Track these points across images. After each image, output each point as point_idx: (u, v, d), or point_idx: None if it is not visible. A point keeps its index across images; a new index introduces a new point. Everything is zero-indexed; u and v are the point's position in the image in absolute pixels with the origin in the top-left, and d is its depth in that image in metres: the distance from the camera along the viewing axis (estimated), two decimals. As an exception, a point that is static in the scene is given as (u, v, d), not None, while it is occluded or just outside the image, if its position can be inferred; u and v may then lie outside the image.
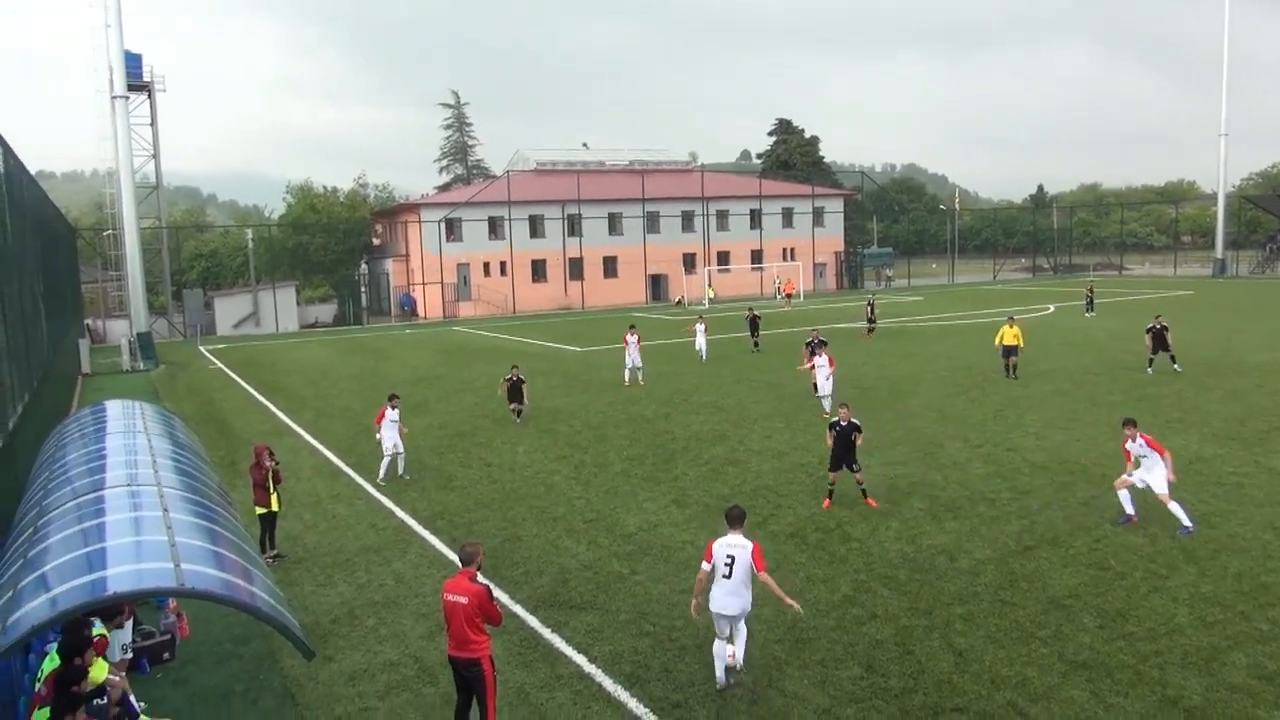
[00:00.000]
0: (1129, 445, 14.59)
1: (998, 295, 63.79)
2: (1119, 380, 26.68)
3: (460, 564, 8.74)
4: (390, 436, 18.41)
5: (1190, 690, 9.29)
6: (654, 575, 13.01)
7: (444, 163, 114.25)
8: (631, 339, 29.76)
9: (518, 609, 11.96)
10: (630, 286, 71.68)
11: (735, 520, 9.65)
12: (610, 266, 71.43)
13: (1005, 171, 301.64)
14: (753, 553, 9.38)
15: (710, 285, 68.16)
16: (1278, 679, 9.44)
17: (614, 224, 71.50)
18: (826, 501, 15.68)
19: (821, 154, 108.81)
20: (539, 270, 69.36)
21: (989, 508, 15.42)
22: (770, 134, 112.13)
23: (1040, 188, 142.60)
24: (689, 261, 72.70)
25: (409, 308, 66.40)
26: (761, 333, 37.22)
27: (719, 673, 9.68)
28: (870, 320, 40.16)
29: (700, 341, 34.44)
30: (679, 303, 67.77)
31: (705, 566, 9.51)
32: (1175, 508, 14.08)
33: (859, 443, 15.64)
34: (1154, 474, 14.27)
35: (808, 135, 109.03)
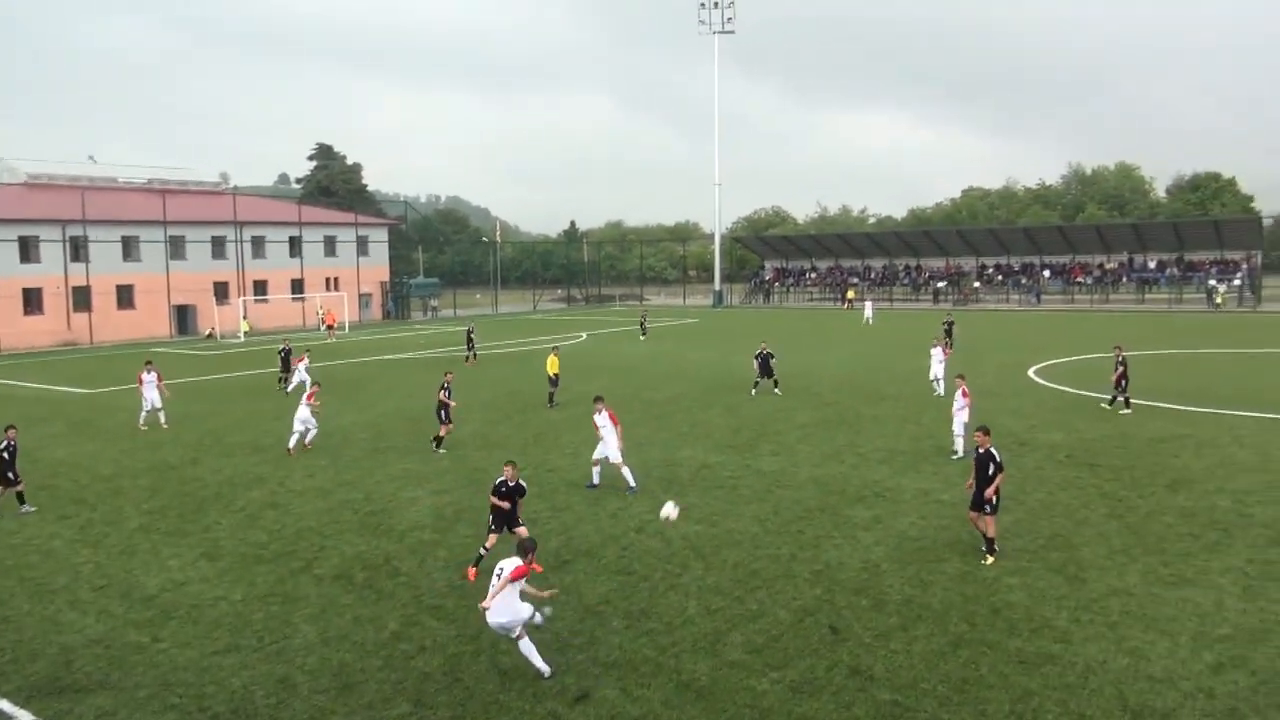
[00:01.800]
0: (595, 418, 18.25)
1: (538, 324, 67.70)
2: (641, 400, 29.71)
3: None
4: None
5: (700, 672, 10.59)
6: (181, 640, 11.77)
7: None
8: (148, 377, 26.73)
9: (3, 704, 10.10)
10: (152, 318, 64.33)
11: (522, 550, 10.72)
12: (125, 296, 63.48)
13: (544, 206, 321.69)
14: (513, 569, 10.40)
15: (245, 317, 63.67)
16: (764, 650, 11.13)
17: (129, 248, 63.71)
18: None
19: (365, 182, 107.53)
20: (32, 300, 59.45)
21: (532, 527, 16.13)
22: (310, 158, 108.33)
23: (573, 223, 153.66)
24: (222, 290, 67.25)
25: None
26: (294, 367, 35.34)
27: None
28: (470, 348, 42.92)
29: (299, 377, 31.42)
30: (209, 335, 62.36)
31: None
32: (626, 472, 17.96)
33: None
34: (609, 443, 18.05)
35: (350, 161, 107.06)
